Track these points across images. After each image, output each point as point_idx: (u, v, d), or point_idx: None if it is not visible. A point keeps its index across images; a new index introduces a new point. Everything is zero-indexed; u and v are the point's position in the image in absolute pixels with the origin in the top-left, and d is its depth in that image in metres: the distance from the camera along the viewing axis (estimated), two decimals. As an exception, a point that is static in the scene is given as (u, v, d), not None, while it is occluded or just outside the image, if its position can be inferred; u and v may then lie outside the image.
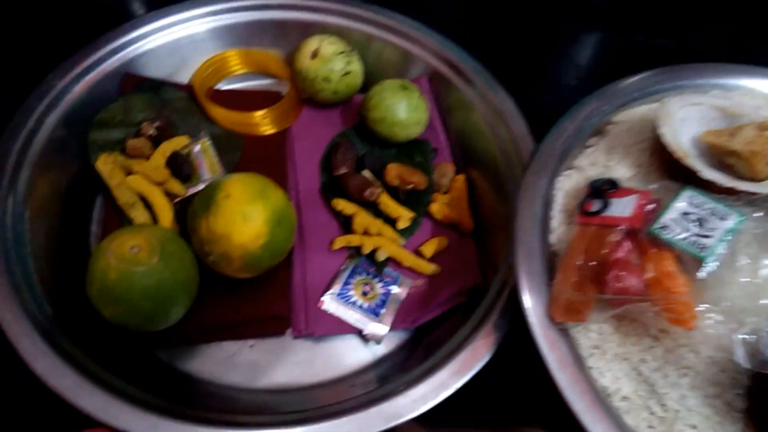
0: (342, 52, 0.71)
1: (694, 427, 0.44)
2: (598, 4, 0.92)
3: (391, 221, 0.65)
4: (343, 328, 0.60)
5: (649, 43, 0.88)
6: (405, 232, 0.64)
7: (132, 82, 0.70)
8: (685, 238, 0.45)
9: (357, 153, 0.69)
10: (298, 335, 0.59)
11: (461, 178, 0.68)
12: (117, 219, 0.62)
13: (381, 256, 0.62)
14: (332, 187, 0.67)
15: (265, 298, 0.59)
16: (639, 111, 0.61)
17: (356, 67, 0.72)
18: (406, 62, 0.76)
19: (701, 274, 0.44)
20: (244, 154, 0.70)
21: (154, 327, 0.54)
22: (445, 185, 0.68)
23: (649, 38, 0.89)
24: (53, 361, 0.48)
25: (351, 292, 0.61)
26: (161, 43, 0.73)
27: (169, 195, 0.63)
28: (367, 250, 0.62)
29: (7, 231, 0.55)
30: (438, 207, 0.66)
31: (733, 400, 0.44)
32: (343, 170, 0.66)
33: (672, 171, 0.54)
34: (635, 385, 0.46)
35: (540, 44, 0.88)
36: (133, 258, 0.51)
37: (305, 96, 0.74)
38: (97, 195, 0.66)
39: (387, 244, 0.62)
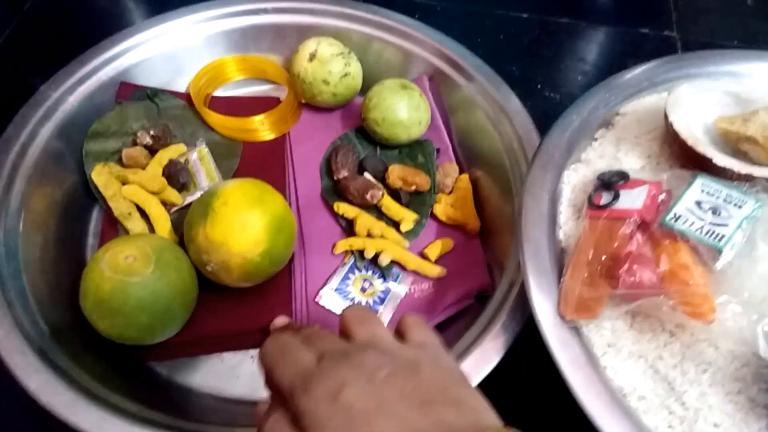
0: (340, 54, 0.69)
1: (716, 425, 0.42)
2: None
3: (395, 224, 0.63)
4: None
5: (655, 36, 0.87)
6: (409, 235, 0.62)
7: (128, 91, 0.69)
8: (699, 228, 0.43)
9: (358, 155, 0.68)
10: (300, 343, 0.57)
11: (465, 177, 0.66)
12: (113, 230, 0.61)
13: (384, 260, 0.60)
14: (333, 191, 0.66)
15: (266, 307, 0.58)
16: (647, 101, 0.59)
17: (355, 68, 0.71)
18: (407, 62, 0.74)
19: (718, 264, 0.42)
20: (243, 161, 0.68)
21: (151, 340, 0.52)
22: (449, 186, 0.66)
23: (654, 30, 0.87)
24: (47, 378, 0.46)
25: (349, 288, 0.60)
26: (157, 51, 0.72)
27: (166, 204, 0.62)
28: (370, 254, 0.60)
29: (0, 245, 0.53)
30: (442, 208, 0.64)
31: (757, 396, 0.42)
32: (343, 174, 0.65)
33: (684, 160, 0.52)
34: (652, 383, 0.43)
35: (543, 39, 0.86)
36: (127, 268, 0.49)
37: (304, 99, 0.73)
38: (94, 207, 0.65)
39: (390, 247, 0.61)
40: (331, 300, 0.59)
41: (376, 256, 0.60)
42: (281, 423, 0.31)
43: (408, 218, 0.62)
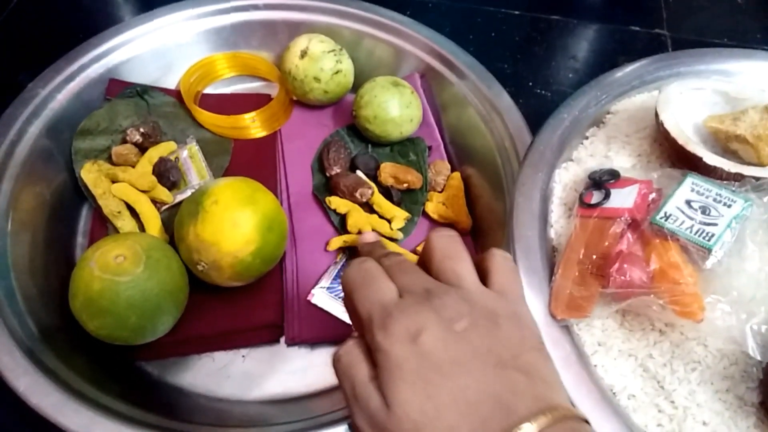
0: (331, 51, 0.69)
1: (704, 423, 0.42)
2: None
3: (387, 221, 0.63)
4: (337, 333, 0.57)
5: (646, 34, 0.87)
6: (400, 233, 0.62)
7: (117, 88, 0.68)
8: (689, 227, 0.43)
9: (350, 153, 0.67)
10: (291, 342, 0.57)
11: (457, 175, 0.66)
12: (103, 229, 0.61)
13: (376, 257, 0.60)
14: (325, 188, 0.66)
15: (257, 306, 0.58)
16: (638, 99, 0.60)
17: (346, 65, 0.71)
18: (398, 59, 0.74)
19: (708, 263, 0.42)
20: (234, 159, 0.68)
21: (142, 340, 0.52)
22: (441, 183, 0.66)
23: (645, 27, 0.87)
24: (35, 379, 0.46)
25: (341, 287, 0.59)
26: (147, 48, 0.71)
27: (156, 203, 0.62)
28: (362, 252, 0.60)
29: (-12, 245, 0.53)
30: (434, 206, 0.64)
31: (745, 394, 0.42)
32: (336, 170, 0.65)
33: (674, 159, 0.53)
34: (642, 382, 0.44)
35: (535, 37, 0.86)
36: (117, 268, 0.49)
37: (295, 97, 0.73)
38: (83, 205, 0.65)
39: (383, 243, 0.60)
40: (324, 299, 0.59)
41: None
42: (356, 352, 0.32)
43: (399, 216, 0.62)
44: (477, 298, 0.32)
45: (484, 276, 0.35)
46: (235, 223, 0.52)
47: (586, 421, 0.29)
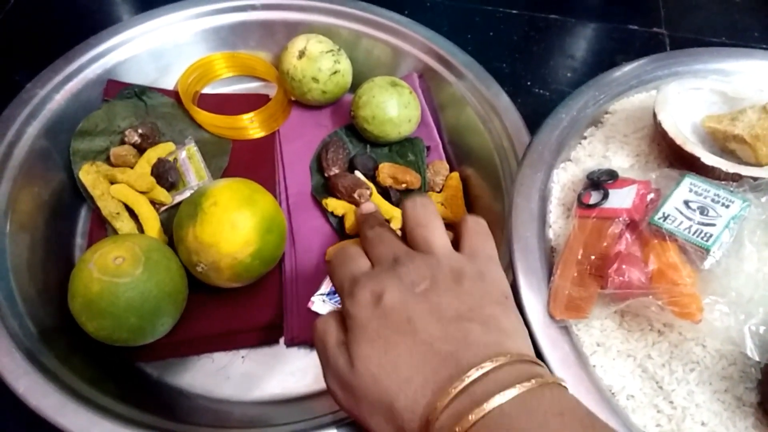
0: (330, 51, 0.69)
1: (703, 423, 0.42)
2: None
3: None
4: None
5: (644, 32, 0.87)
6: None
7: (115, 89, 0.68)
8: (688, 228, 0.44)
9: (348, 153, 0.67)
10: (290, 342, 0.57)
11: (455, 176, 0.66)
12: (102, 230, 0.61)
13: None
14: (323, 188, 0.66)
15: (257, 306, 0.58)
16: (636, 99, 0.60)
17: (345, 65, 0.71)
18: (396, 59, 0.74)
19: (706, 264, 0.42)
20: (232, 159, 0.68)
21: (141, 341, 0.52)
22: (440, 184, 0.66)
23: (643, 26, 0.87)
24: (35, 380, 0.46)
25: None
26: (144, 48, 0.71)
27: (155, 204, 0.62)
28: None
29: (-13, 246, 0.53)
30: (433, 206, 0.64)
31: (744, 395, 0.42)
32: (334, 171, 0.65)
33: (672, 159, 0.53)
34: (641, 382, 0.44)
35: (533, 36, 0.86)
36: (116, 269, 0.49)
37: (293, 97, 0.73)
38: (82, 206, 0.64)
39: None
40: (323, 307, 0.58)
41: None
42: (330, 321, 0.36)
43: (397, 217, 0.62)
44: (443, 260, 0.36)
45: (457, 240, 0.39)
46: (234, 225, 0.52)
47: (539, 364, 0.32)
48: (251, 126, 0.70)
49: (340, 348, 0.34)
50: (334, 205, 0.63)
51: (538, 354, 0.44)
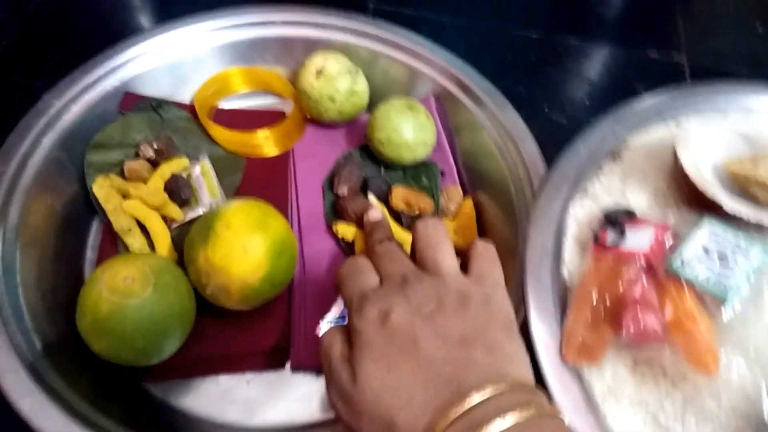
0: (347, 71, 0.69)
1: (715, 480, 0.41)
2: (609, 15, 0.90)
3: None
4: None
5: (663, 59, 0.86)
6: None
7: (131, 102, 0.68)
8: (706, 278, 0.43)
9: (362, 174, 0.67)
10: (297, 367, 0.57)
11: (469, 203, 0.66)
12: (113, 245, 0.60)
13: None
14: (333, 212, 0.65)
15: (264, 330, 0.57)
16: (656, 134, 0.59)
17: (362, 86, 0.70)
18: (413, 80, 0.73)
19: (724, 317, 0.41)
20: (245, 176, 0.68)
21: (148, 362, 0.52)
22: (453, 210, 0.66)
23: (662, 52, 0.86)
24: (40, 400, 0.46)
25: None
26: (162, 61, 0.71)
27: (167, 220, 0.61)
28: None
29: (-3, 259, 0.53)
30: (445, 232, 0.63)
31: (760, 454, 0.42)
32: (342, 190, 0.64)
33: (692, 198, 0.52)
34: (653, 435, 0.43)
35: (550, 61, 0.85)
36: (125, 290, 0.49)
37: (309, 115, 0.72)
38: (93, 219, 0.64)
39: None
40: None
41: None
42: (336, 335, 0.37)
43: (408, 241, 0.62)
44: (451, 283, 0.36)
45: (465, 263, 0.39)
46: (246, 249, 0.52)
47: (539, 393, 0.32)
48: (266, 143, 0.70)
49: (344, 362, 0.35)
50: (344, 231, 0.62)
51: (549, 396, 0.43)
